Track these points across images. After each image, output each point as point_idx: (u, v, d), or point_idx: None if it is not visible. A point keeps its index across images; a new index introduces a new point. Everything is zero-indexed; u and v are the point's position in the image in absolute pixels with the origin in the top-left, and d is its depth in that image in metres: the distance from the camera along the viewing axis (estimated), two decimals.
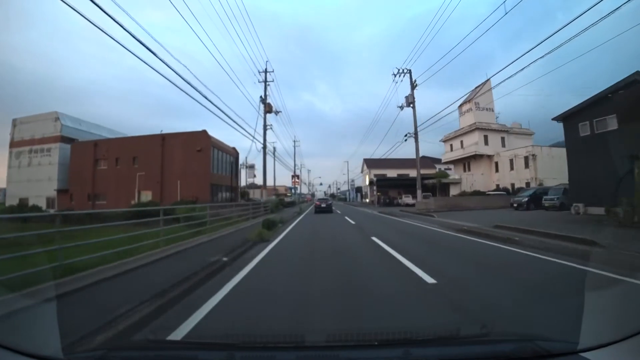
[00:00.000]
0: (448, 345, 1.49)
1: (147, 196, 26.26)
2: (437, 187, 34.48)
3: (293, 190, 69.27)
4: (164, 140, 25.68)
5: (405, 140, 22.69)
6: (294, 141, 50.32)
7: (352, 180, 69.81)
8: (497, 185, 36.52)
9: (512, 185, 34.92)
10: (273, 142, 45.50)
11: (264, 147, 21.88)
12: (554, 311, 3.01)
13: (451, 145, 42.46)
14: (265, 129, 22.16)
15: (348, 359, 1.38)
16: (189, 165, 24.37)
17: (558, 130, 17.95)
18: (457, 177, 38.22)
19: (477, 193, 32.62)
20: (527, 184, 33.52)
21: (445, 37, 20.55)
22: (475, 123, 37.72)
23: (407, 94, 23.55)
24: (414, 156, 24.13)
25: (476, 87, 34.92)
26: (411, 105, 23.21)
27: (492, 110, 40.35)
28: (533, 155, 33.33)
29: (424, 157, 56.88)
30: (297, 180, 59.88)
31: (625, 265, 4.73)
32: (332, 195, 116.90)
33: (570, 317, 2.04)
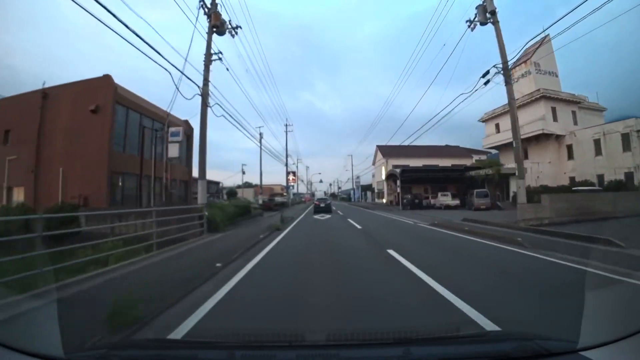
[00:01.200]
0: (448, 345, 1.45)
1: (19, 195, 15.23)
2: (494, 181, 23.35)
3: (289, 189, 58.50)
4: (45, 98, 14.59)
5: (486, 83, 11.55)
6: (286, 125, 39.40)
7: (357, 177, 58.70)
8: (572, 178, 25.40)
9: (600, 177, 23.83)
10: (259, 127, 34.42)
11: (204, 97, 10.76)
12: None
13: (497, 125, 31.31)
14: (208, 60, 11.04)
15: (348, 357, 1.33)
16: (79, 138, 13.30)
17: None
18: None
19: (547, 189, 21.62)
20: (629, 174, 22.44)
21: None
22: (539, 90, 26.56)
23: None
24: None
25: (530, 46, 23.47)
26: (490, 19, 12.09)
27: (557, 76, 29.21)
28: (638, 132, 22.19)
29: (454, 147, 45.20)
30: (293, 177, 49.38)
31: None
32: (333, 195, 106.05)
33: None
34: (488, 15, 12.09)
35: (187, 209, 9.17)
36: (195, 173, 14.21)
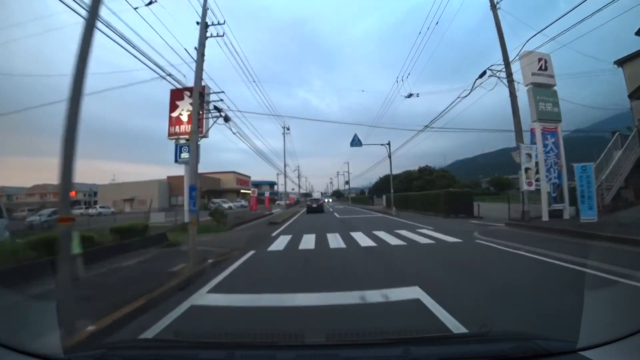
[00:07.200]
0: (447, 344, 1.46)
1: None
2: None
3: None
4: None
5: None
6: None
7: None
8: None
9: None
10: None
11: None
12: None
13: None
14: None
15: (348, 357, 1.32)
16: None
17: None
18: None
19: None
20: None
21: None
22: None
23: None
24: None
25: None
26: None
27: None
28: None
29: None
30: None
31: None
32: (338, 194, 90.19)
33: None
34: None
35: None
36: None
